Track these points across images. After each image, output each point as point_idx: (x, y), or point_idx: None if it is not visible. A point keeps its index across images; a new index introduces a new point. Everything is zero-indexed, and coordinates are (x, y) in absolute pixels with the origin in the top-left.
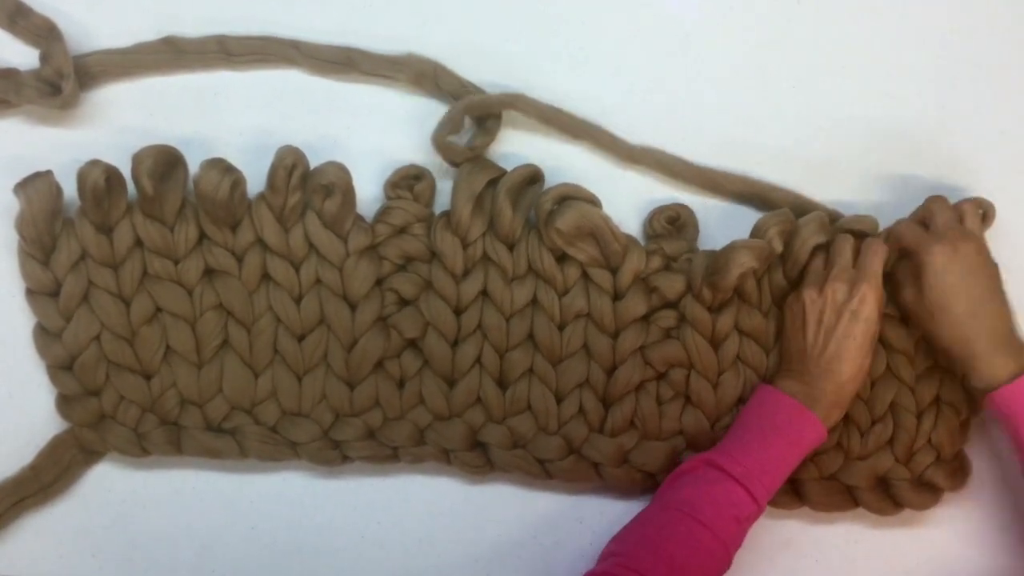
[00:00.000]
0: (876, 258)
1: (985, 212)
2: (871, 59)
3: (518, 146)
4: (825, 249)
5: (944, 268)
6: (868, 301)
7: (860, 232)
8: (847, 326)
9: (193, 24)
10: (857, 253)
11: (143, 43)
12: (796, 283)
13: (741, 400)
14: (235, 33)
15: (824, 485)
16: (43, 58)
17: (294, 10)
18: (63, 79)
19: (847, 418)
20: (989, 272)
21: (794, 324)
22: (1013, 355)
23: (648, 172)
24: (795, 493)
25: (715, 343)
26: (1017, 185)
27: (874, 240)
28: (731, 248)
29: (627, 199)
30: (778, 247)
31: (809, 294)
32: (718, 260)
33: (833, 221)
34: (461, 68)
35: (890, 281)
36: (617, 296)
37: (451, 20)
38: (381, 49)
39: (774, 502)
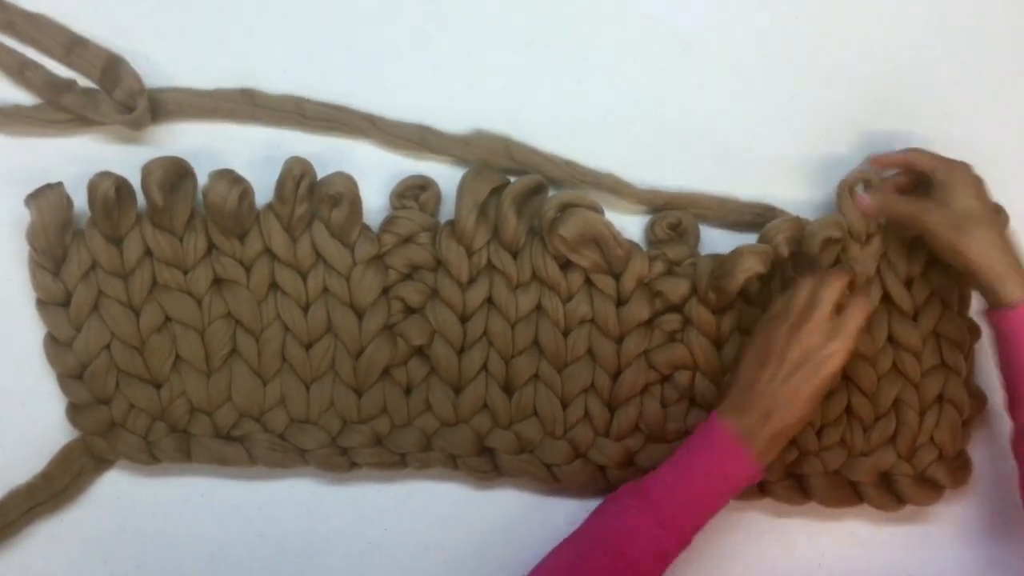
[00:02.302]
0: (860, 317)
1: None
2: (870, 72)
3: None
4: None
5: (971, 182)
6: (837, 359)
7: (830, 238)
8: (809, 373)
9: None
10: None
11: (221, 89)
12: None
13: None
14: (313, 98)
15: (829, 479)
16: (109, 82)
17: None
18: (136, 97)
19: (851, 414)
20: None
21: (755, 354)
22: None
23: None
24: (801, 488)
25: (719, 344)
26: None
27: (861, 297)
28: (737, 253)
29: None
30: (784, 252)
31: (782, 332)
32: (724, 264)
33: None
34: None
35: (907, 214)
36: (621, 301)
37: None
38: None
39: (781, 498)
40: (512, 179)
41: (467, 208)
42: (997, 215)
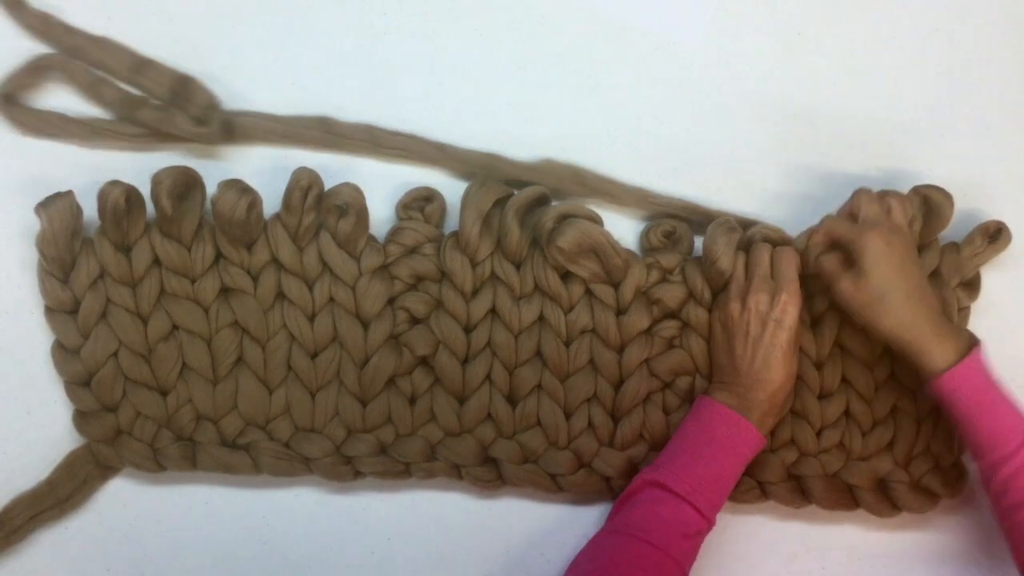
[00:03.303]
0: (790, 265)
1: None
2: (873, 90)
3: None
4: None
5: (884, 252)
6: (789, 309)
7: (773, 241)
8: (772, 335)
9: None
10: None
11: (298, 116)
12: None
13: None
14: (385, 126)
15: (828, 482)
16: (179, 100)
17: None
18: (209, 112)
19: (850, 418)
20: (919, 264)
21: (723, 336)
22: (953, 338)
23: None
24: (801, 491)
25: None
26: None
27: (784, 248)
28: (710, 236)
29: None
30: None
31: (734, 307)
32: (708, 253)
33: (745, 229)
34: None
35: (818, 280)
36: (620, 311)
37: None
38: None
39: (782, 500)
40: (515, 191)
41: (471, 219)
42: (919, 278)
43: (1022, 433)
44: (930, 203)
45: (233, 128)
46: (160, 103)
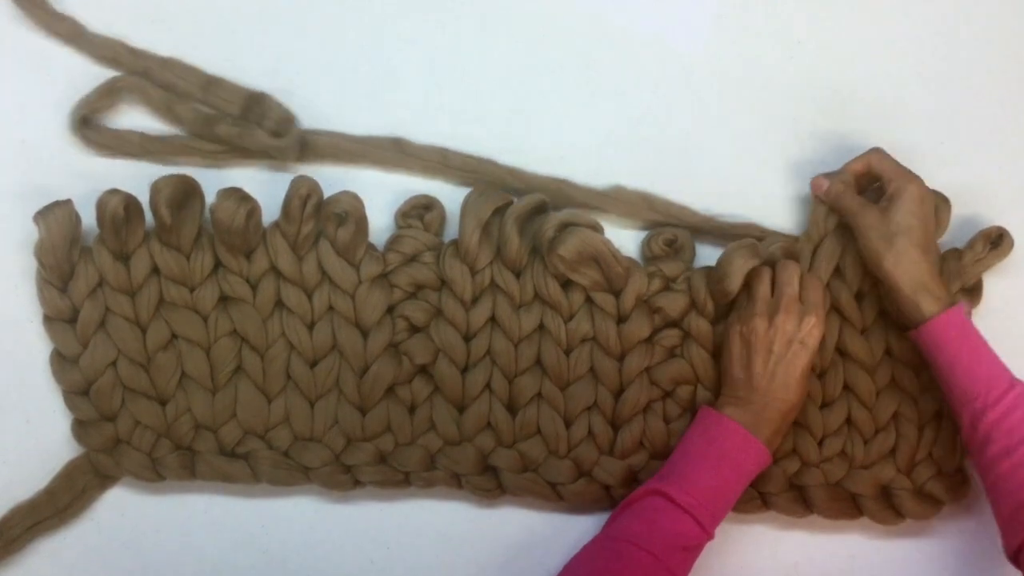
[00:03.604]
0: (818, 291)
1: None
2: (874, 95)
3: None
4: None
5: (919, 200)
6: (815, 333)
7: (791, 253)
8: (795, 355)
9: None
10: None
11: (373, 136)
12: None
13: None
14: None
15: (830, 491)
16: (253, 116)
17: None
18: (285, 126)
19: (851, 426)
20: (934, 229)
21: (742, 351)
22: (943, 292)
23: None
24: (803, 500)
25: (718, 356)
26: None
27: (814, 275)
28: (728, 253)
29: None
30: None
31: (760, 323)
32: (720, 268)
33: (760, 239)
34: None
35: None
36: (621, 319)
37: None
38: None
39: (784, 510)
40: (515, 199)
41: (471, 228)
42: (933, 237)
43: (1007, 379)
44: None
45: (308, 147)
46: (236, 120)
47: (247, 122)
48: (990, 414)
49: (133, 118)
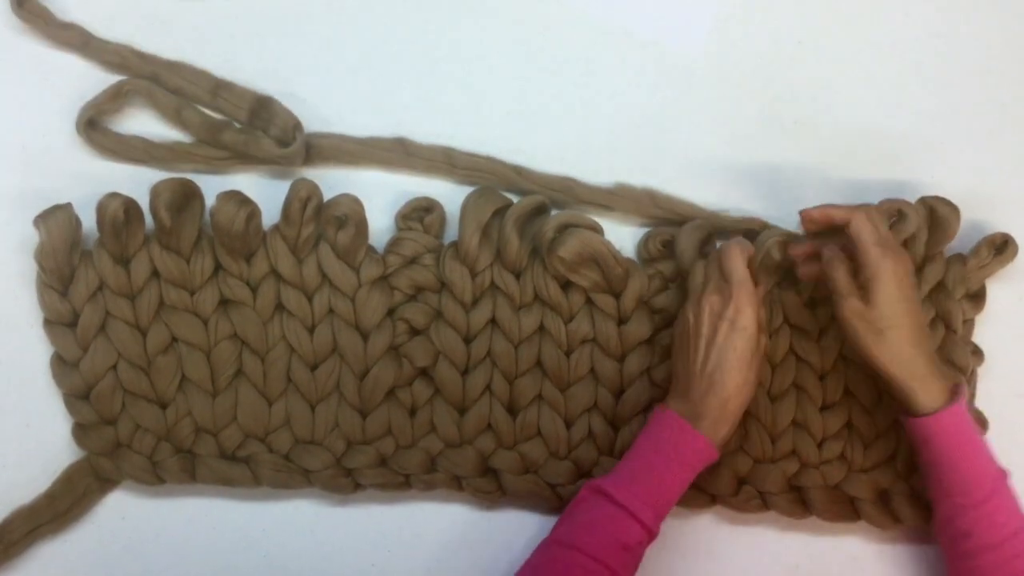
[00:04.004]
0: (737, 261)
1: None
2: (874, 98)
3: None
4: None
5: (898, 283)
6: (745, 310)
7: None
8: (725, 337)
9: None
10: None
11: (377, 138)
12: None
13: (747, 413)
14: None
15: (829, 494)
16: (260, 122)
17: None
18: (292, 132)
19: (852, 430)
20: (919, 297)
21: (680, 342)
22: (943, 380)
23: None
24: (802, 502)
25: None
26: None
27: (730, 243)
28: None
29: None
30: (776, 256)
31: (692, 309)
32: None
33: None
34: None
35: (823, 288)
36: (622, 320)
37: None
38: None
39: (783, 511)
40: (514, 200)
41: (470, 229)
42: (923, 321)
43: (993, 480)
44: (936, 215)
45: (312, 150)
46: (242, 125)
47: (253, 129)
48: (972, 512)
49: (140, 122)
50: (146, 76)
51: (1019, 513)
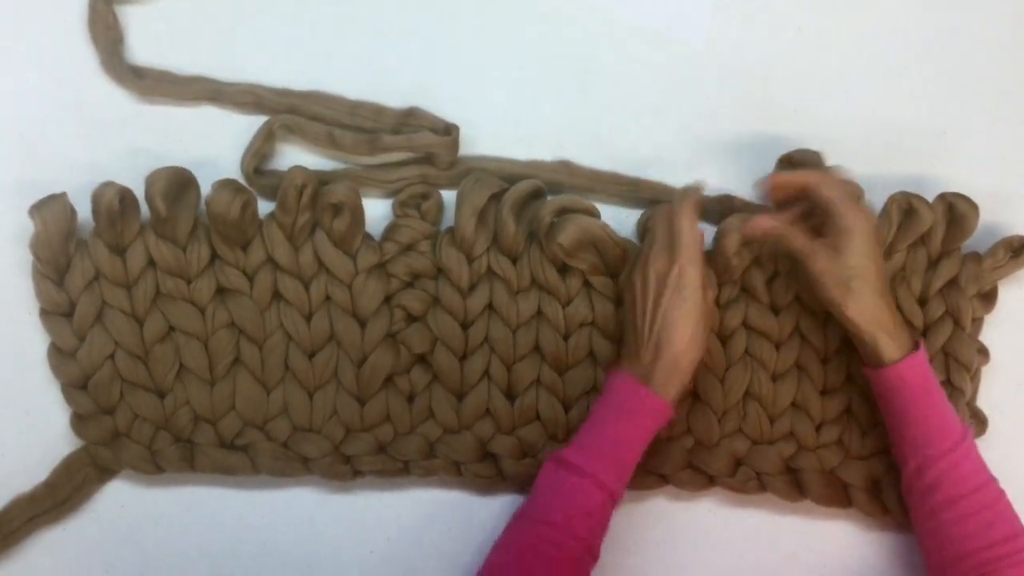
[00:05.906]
0: (681, 221)
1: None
2: (874, 84)
3: None
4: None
5: (868, 235)
6: (687, 270)
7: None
8: (671, 297)
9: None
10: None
11: (540, 161)
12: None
13: (748, 394)
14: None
15: (824, 478)
16: (411, 130)
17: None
18: (448, 128)
19: (850, 416)
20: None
21: (629, 305)
22: (904, 333)
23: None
24: (796, 484)
25: (722, 338)
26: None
27: (672, 207)
28: (720, 235)
29: None
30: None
31: (637, 274)
32: (715, 249)
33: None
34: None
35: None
36: (620, 301)
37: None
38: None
39: (779, 492)
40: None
41: (467, 215)
42: (884, 276)
43: (959, 431)
44: (955, 212)
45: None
46: (395, 128)
47: (408, 127)
48: (940, 463)
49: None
50: (284, 110)
51: (984, 470)
